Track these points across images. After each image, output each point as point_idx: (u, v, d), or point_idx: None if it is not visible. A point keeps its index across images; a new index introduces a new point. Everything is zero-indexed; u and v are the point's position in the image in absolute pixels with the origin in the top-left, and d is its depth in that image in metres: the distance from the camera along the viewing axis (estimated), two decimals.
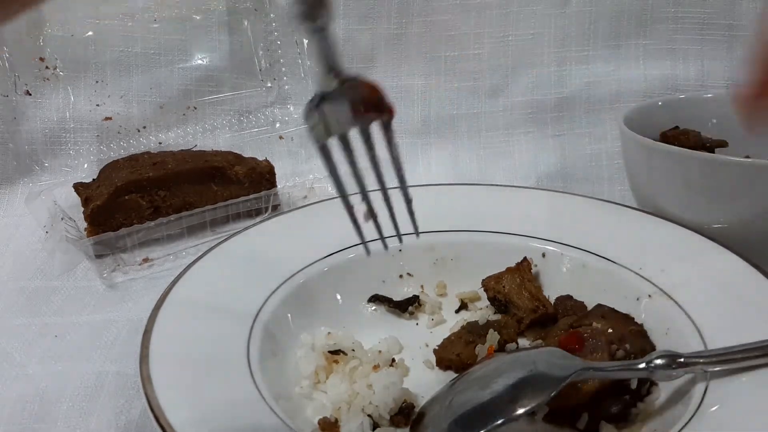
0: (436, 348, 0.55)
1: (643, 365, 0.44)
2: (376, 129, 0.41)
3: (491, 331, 0.54)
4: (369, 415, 0.46)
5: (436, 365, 0.54)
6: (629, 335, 0.51)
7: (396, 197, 0.44)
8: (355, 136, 0.41)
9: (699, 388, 0.43)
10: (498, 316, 0.58)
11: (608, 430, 0.46)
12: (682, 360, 0.44)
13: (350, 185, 0.43)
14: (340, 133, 0.40)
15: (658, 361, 0.44)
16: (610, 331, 0.51)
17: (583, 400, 0.47)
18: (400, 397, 0.47)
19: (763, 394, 0.41)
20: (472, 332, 0.55)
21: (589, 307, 0.56)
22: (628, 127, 0.66)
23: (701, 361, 0.44)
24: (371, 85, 0.40)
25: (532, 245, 0.61)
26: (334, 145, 0.41)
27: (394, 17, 0.90)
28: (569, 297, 0.58)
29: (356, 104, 0.40)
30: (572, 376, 0.43)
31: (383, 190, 0.43)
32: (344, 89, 0.39)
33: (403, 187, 0.44)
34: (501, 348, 0.53)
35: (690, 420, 0.41)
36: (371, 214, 0.44)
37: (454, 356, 0.53)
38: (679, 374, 0.44)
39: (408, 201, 0.45)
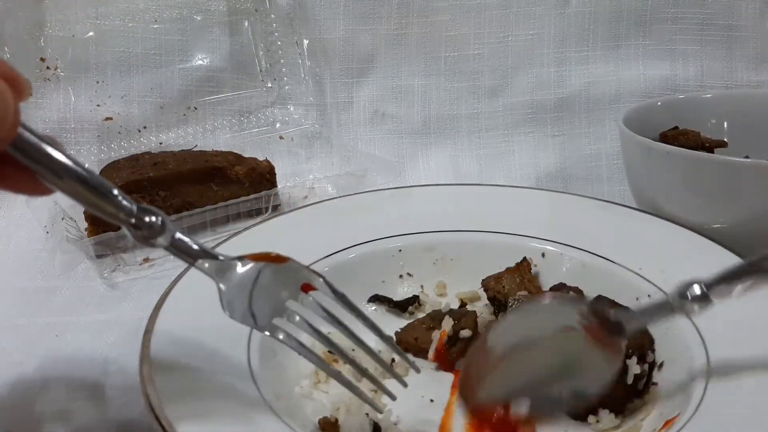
0: (398, 330, 0.56)
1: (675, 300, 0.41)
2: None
3: (447, 317, 0.55)
4: (367, 414, 0.46)
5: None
6: None
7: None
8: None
9: (699, 388, 0.43)
10: (492, 317, 0.58)
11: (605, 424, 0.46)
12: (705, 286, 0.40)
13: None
14: (282, 313, 0.41)
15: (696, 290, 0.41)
16: None
17: None
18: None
19: (763, 394, 0.41)
20: (434, 319, 0.57)
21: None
22: (627, 127, 0.66)
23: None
24: (275, 256, 0.41)
25: (532, 245, 0.61)
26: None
27: (394, 17, 0.90)
28: (562, 284, 0.58)
29: (283, 290, 0.40)
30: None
31: (360, 344, 0.43)
32: (253, 276, 0.40)
33: (377, 332, 0.43)
34: (455, 334, 0.53)
35: (690, 420, 0.41)
36: (361, 372, 0.43)
37: (412, 339, 0.55)
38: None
39: (386, 340, 0.43)
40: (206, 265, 0.40)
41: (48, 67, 0.85)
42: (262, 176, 0.79)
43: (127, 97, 0.87)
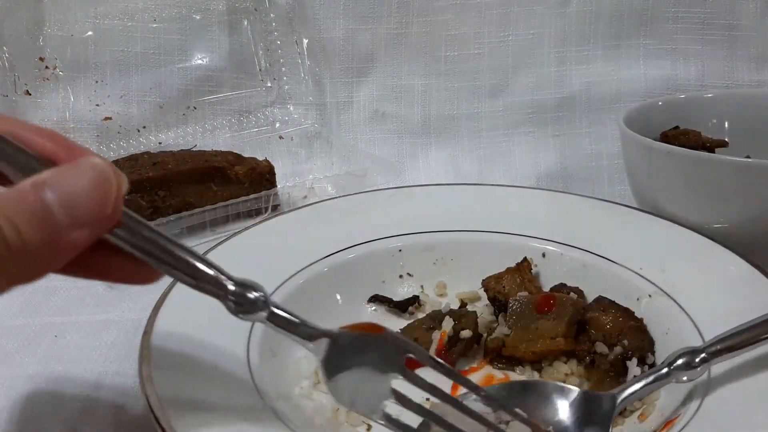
0: (398, 331, 0.56)
1: (665, 370, 0.43)
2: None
3: (447, 318, 0.55)
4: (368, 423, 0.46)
5: None
6: (628, 330, 0.51)
7: None
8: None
9: (699, 388, 0.43)
10: (492, 317, 0.58)
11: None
12: (702, 356, 0.42)
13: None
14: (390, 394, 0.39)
15: (680, 362, 0.42)
16: (608, 326, 0.52)
17: None
18: None
19: (763, 395, 0.41)
20: (434, 319, 0.56)
21: (589, 300, 0.56)
22: (628, 127, 0.66)
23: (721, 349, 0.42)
24: (372, 325, 0.40)
25: (532, 245, 0.61)
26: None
27: (394, 17, 0.90)
28: (563, 285, 0.58)
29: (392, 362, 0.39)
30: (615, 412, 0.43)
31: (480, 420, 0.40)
32: (353, 350, 0.38)
33: (497, 404, 0.41)
34: (455, 335, 0.54)
35: (690, 420, 0.41)
36: None
37: (412, 340, 0.54)
38: (703, 371, 0.43)
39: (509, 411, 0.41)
40: (310, 344, 0.39)
41: (47, 67, 0.85)
42: (261, 176, 0.79)
43: (126, 96, 0.87)
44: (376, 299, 0.61)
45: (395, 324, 0.59)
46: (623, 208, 0.65)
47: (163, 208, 0.75)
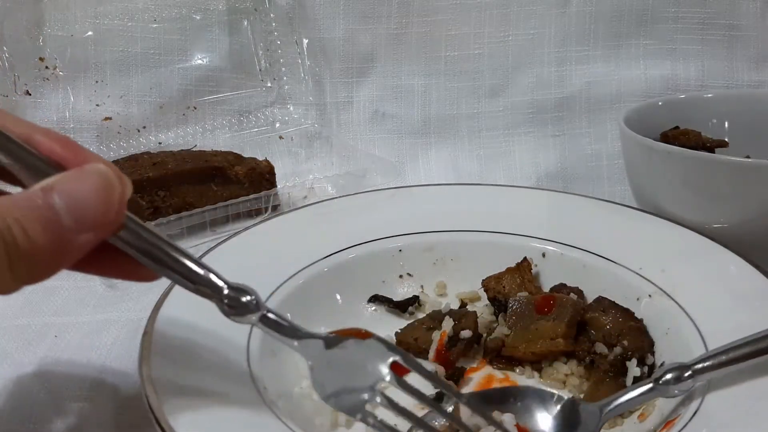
0: (398, 331, 0.56)
1: (651, 385, 0.43)
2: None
3: (447, 318, 0.55)
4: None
5: None
6: (628, 331, 0.51)
7: None
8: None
9: (699, 388, 0.43)
10: (492, 317, 0.58)
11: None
12: (690, 372, 0.42)
13: None
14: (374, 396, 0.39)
15: (668, 376, 0.42)
16: (608, 327, 0.52)
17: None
18: None
19: (763, 395, 0.41)
20: (434, 319, 0.57)
21: (589, 300, 0.56)
22: (628, 126, 0.66)
23: (710, 365, 0.42)
24: (360, 331, 0.40)
25: (532, 245, 0.61)
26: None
27: (394, 16, 0.90)
28: (563, 285, 0.58)
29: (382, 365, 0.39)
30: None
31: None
32: (341, 353, 0.39)
33: (482, 414, 0.42)
34: (455, 335, 0.53)
35: (690, 420, 0.41)
36: None
37: (411, 340, 0.55)
38: (690, 385, 0.42)
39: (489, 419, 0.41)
40: (295, 343, 0.40)
41: (47, 67, 0.85)
42: (261, 176, 0.79)
43: (127, 96, 0.87)
44: (376, 299, 0.61)
45: (395, 324, 0.59)
46: (623, 208, 0.65)
47: (163, 208, 0.75)
